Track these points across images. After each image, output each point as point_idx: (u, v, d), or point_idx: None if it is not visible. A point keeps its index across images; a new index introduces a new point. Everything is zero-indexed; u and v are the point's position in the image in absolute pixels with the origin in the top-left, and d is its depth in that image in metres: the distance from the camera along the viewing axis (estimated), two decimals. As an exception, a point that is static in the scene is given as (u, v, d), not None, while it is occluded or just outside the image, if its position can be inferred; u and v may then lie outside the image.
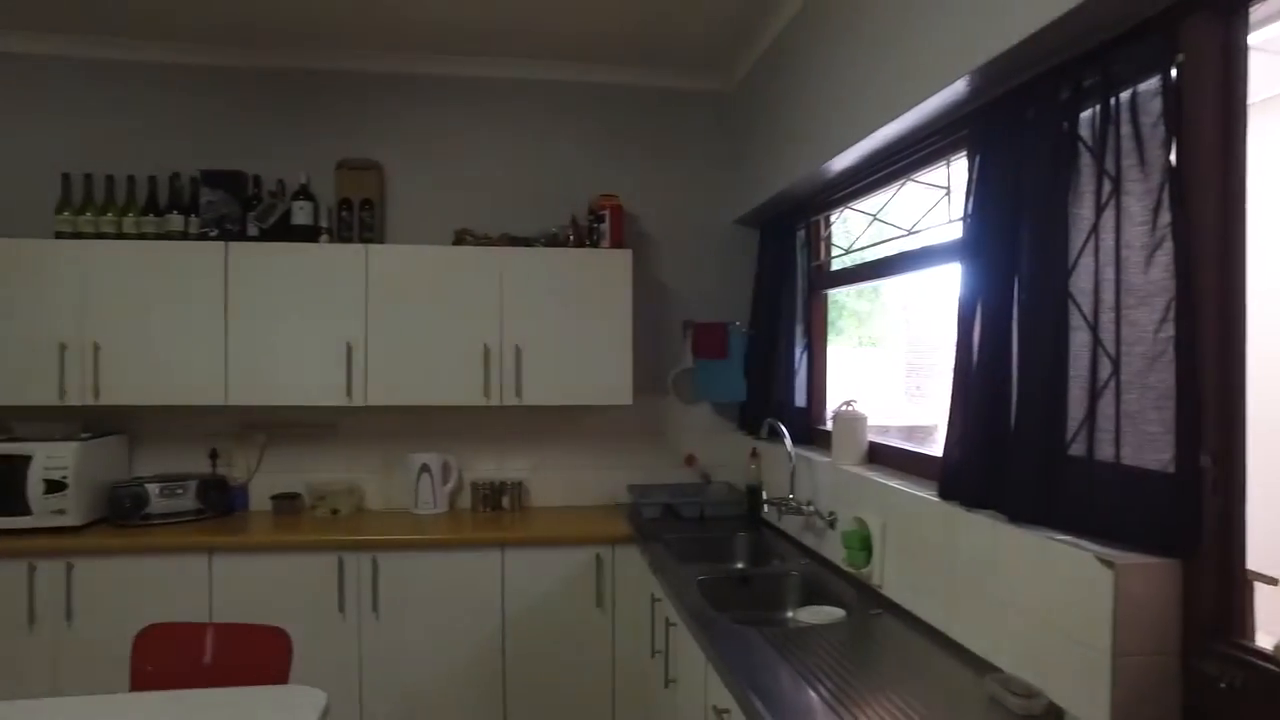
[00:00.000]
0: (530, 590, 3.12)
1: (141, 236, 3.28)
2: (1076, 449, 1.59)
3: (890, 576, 2.24)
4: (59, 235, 3.23)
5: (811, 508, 2.77)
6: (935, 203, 2.33)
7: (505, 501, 3.54)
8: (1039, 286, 1.68)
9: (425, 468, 3.43)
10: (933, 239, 2.35)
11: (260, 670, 2.13)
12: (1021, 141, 1.75)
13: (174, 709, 1.86)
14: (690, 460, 3.76)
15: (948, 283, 2.23)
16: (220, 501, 3.34)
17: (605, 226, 3.45)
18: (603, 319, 3.38)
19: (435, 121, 3.64)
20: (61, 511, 3.01)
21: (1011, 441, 1.76)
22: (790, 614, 2.54)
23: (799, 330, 3.21)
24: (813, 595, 2.48)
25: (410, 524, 3.27)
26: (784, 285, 3.29)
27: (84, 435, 3.20)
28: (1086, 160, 1.58)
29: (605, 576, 3.15)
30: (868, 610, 2.17)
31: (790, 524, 3.02)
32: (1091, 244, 1.55)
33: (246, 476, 3.51)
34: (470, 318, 3.32)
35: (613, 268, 3.39)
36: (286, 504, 3.41)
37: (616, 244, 3.44)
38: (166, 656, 2.17)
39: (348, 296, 3.26)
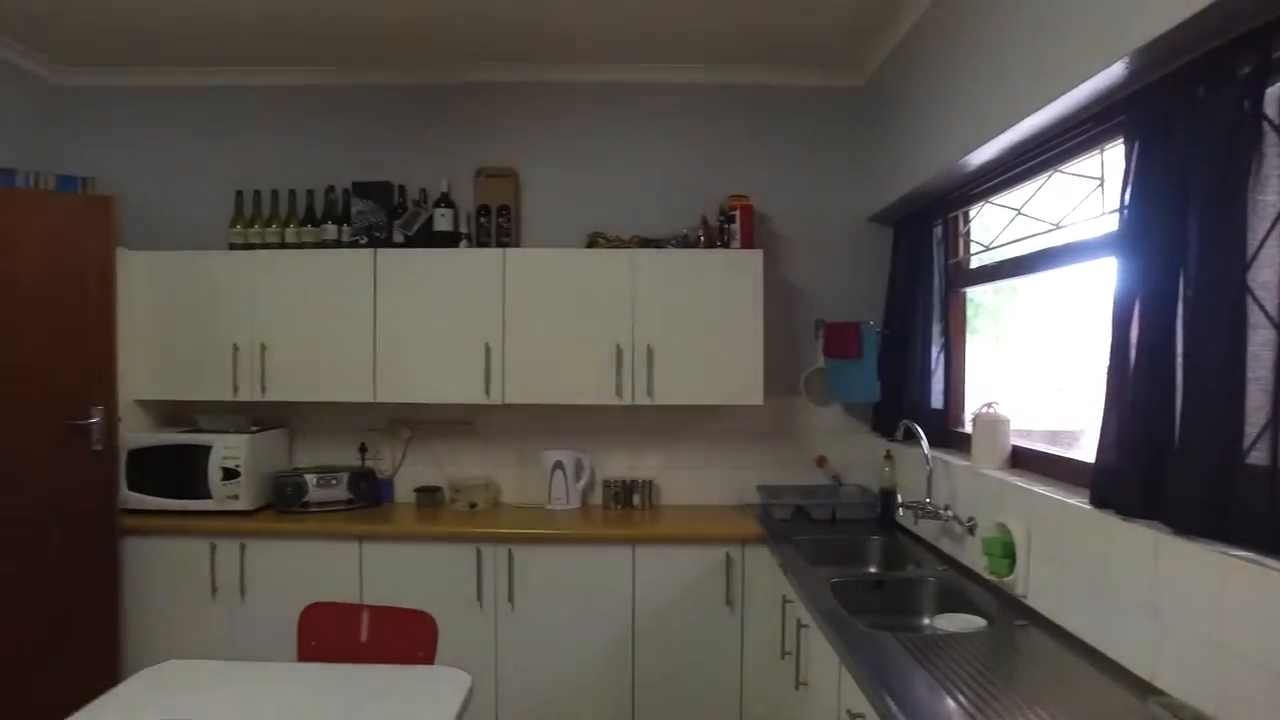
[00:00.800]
0: (660, 587, 3.16)
1: (301, 246, 3.55)
2: (1256, 457, 1.45)
3: (1036, 586, 2.13)
4: (232, 247, 3.55)
5: (949, 512, 2.67)
6: (1087, 194, 2.19)
7: (636, 499, 3.59)
8: (1211, 281, 1.54)
9: (559, 465, 3.53)
10: (1082, 233, 2.21)
11: (409, 651, 2.26)
12: (1190, 124, 1.62)
13: (338, 680, 2.02)
14: (821, 462, 3.70)
15: (1097, 278, 2.10)
16: (369, 492, 3.55)
17: (736, 227, 3.44)
18: (734, 319, 3.38)
19: (568, 127, 3.75)
20: (235, 497, 3.31)
21: (1176, 448, 1.64)
22: (927, 621, 2.46)
23: (936, 330, 3.08)
24: (951, 603, 2.39)
25: (544, 519, 3.38)
26: (919, 283, 3.18)
27: (253, 428, 3.51)
28: (1273, 140, 1.44)
29: (735, 576, 3.15)
30: (1011, 620, 2.08)
31: (926, 529, 2.93)
32: (1276, 234, 1.41)
33: (392, 470, 3.73)
34: (603, 318, 3.39)
35: (744, 268, 3.39)
36: (428, 497, 3.59)
37: (747, 244, 3.44)
38: (327, 632, 2.35)
39: (486, 299, 3.40)
